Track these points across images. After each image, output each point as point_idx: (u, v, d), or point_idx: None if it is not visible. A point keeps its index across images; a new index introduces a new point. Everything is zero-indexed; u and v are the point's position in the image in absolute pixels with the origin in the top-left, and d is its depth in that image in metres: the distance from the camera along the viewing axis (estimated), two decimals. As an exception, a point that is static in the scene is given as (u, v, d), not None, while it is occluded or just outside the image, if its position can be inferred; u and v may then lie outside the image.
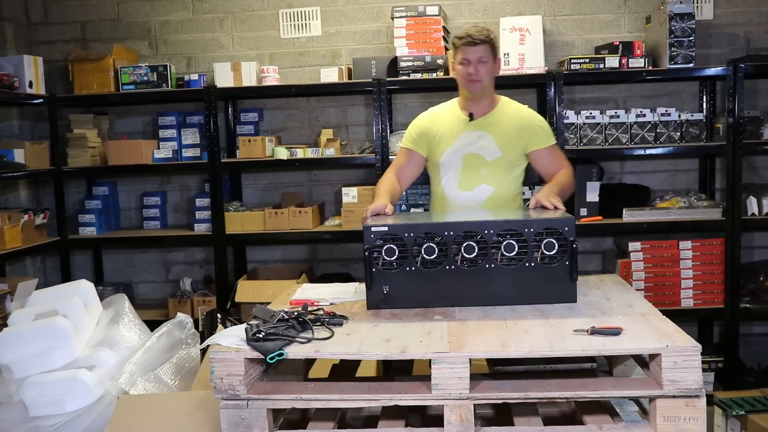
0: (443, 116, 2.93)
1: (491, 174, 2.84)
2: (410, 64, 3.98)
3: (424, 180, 3.62)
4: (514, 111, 2.91)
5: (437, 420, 1.91)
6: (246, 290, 4.00)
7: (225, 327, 2.98)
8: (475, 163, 2.84)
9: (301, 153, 4.06)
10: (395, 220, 2.38)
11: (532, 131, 2.86)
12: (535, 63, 3.97)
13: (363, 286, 2.36)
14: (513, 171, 2.89)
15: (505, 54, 3.98)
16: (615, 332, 1.92)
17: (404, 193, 3.92)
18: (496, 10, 4.28)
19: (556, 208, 2.49)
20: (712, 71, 3.85)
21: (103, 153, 4.31)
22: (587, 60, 3.88)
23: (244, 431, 1.91)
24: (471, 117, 2.86)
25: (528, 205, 2.62)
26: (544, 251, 2.22)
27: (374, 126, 3.97)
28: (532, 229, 2.22)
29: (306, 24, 4.41)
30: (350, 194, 4.05)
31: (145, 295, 4.67)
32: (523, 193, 3.18)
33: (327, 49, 4.42)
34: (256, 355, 1.91)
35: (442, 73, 3.96)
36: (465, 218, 2.35)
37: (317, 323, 2.11)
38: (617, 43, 3.93)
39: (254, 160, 4.10)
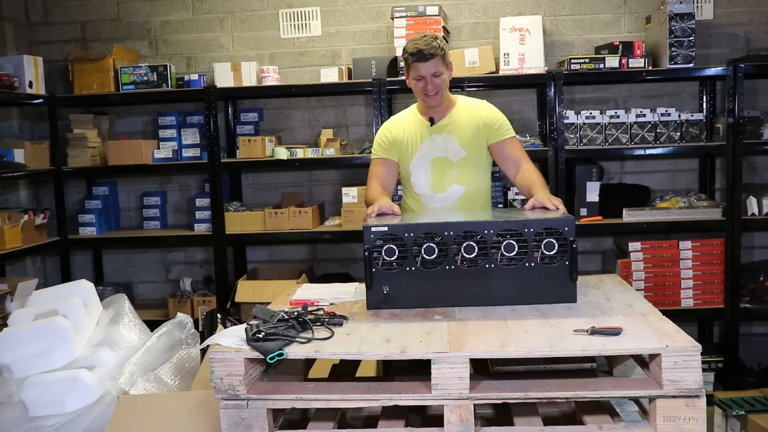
0: (406, 124, 2.93)
1: (460, 174, 2.88)
2: (410, 64, 3.97)
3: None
4: (471, 109, 2.91)
5: (437, 420, 1.91)
6: (246, 290, 4.00)
7: (225, 327, 2.98)
8: (443, 165, 2.88)
9: (301, 153, 4.06)
10: (395, 221, 2.38)
11: (489, 125, 2.86)
12: (535, 63, 3.97)
13: (363, 286, 2.36)
14: (480, 167, 2.91)
15: (505, 54, 3.98)
16: (615, 332, 1.92)
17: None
18: (496, 10, 4.28)
19: (557, 208, 2.48)
20: (712, 71, 3.85)
21: (103, 153, 4.31)
22: (587, 60, 3.88)
23: (244, 431, 1.91)
24: (432, 121, 2.88)
25: (525, 205, 2.62)
26: (544, 251, 2.22)
27: (374, 126, 3.96)
28: (532, 229, 2.22)
29: (306, 24, 4.41)
30: (350, 194, 4.05)
31: (145, 295, 4.67)
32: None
33: (327, 49, 4.42)
34: (256, 355, 1.90)
35: (442, 73, 3.95)
36: (465, 218, 2.35)
37: (317, 323, 2.11)
38: (617, 43, 3.93)
39: (254, 160, 4.10)
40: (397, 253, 2.24)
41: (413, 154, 2.90)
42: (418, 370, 2.22)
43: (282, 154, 4.02)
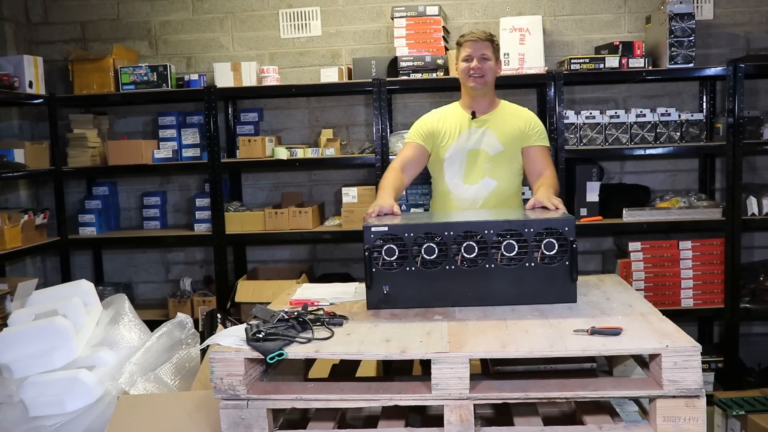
0: (448, 116, 3.04)
1: (494, 168, 2.95)
2: (410, 64, 3.98)
3: (423, 180, 3.63)
4: (514, 110, 3.06)
5: (437, 420, 1.91)
6: (246, 290, 3.99)
7: (225, 327, 2.98)
8: (479, 157, 2.96)
9: (301, 153, 4.06)
10: (395, 221, 2.38)
11: (530, 129, 2.99)
12: (535, 63, 3.97)
13: (363, 286, 2.36)
14: (513, 165, 2.99)
15: (505, 54, 3.98)
16: (615, 332, 1.92)
17: (404, 193, 3.93)
18: (496, 10, 4.28)
19: (556, 208, 2.48)
20: (712, 71, 3.85)
21: (103, 153, 4.31)
22: (587, 60, 3.88)
23: (244, 431, 1.91)
24: (473, 115, 2.98)
25: (527, 205, 2.62)
26: (544, 251, 2.22)
27: (374, 126, 3.97)
28: (532, 229, 2.22)
29: (306, 24, 4.41)
30: (350, 194, 4.05)
31: (145, 295, 4.66)
32: (523, 193, 3.22)
33: (327, 49, 4.42)
34: (256, 355, 1.91)
35: (442, 73, 3.96)
36: (465, 218, 2.35)
37: (317, 323, 2.11)
38: (617, 43, 3.93)
39: (254, 160, 4.10)
40: (397, 253, 2.24)
41: (450, 144, 2.98)
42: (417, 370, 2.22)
43: (282, 154, 4.02)
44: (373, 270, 2.25)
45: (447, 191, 3.01)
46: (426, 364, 2.00)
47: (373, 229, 2.25)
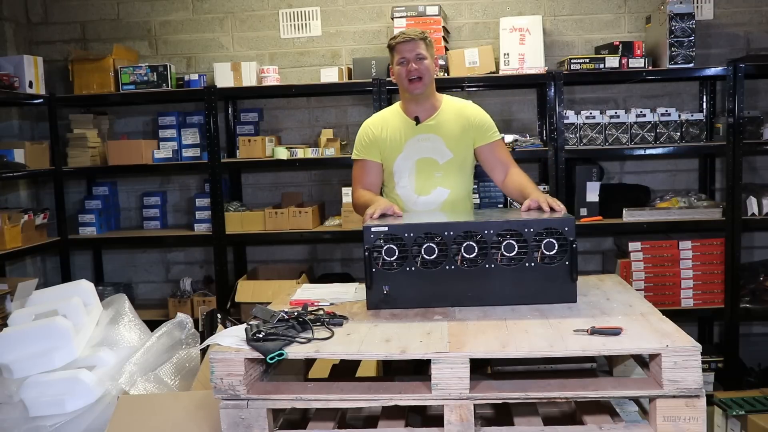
0: (389, 122, 2.85)
1: (445, 176, 2.80)
2: (410, 64, 3.97)
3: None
4: (458, 109, 2.84)
5: (437, 420, 1.91)
6: (246, 290, 3.99)
7: (225, 327, 2.98)
8: (429, 166, 2.80)
9: (301, 153, 4.06)
10: (396, 220, 2.38)
11: (477, 127, 2.80)
12: (535, 63, 3.97)
13: (363, 286, 2.36)
14: (465, 170, 2.85)
15: (505, 54, 3.98)
16: (615, 332, 1.92)
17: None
18: (496, 10, 4.28)
19: (552, 209, 2.44)
20: (712, 71, 3.85)
21: (103, 153, 4.31)
22: (587, 60, 3.88)
23: (244, 431, 1.91)
24: (417, 120, 2.80)
25: (522, 206, 2.58)
26: (544, 251, 2.22)
27: (374, 126, 3.96)
28: (532, 229, 2.22)
29: (306, 24, 4.41)
30: (350, 194, 4.04)
31: (145, 295, 4.67)
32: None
33: (327, 49, 4.42)
34: (256, 355, 1.90)
35: (442, 74, 3.96)
36: (465, 218, 2.35)
37: (317, 323, 2.11)
38: (617, 43, 3.93)
39: (254, 160, 4.10)
40: (397, 253, 2.24)
41: (397, 155, 2.81)
42: (418, 370, 2.22)
43: (282, 154, 4.02)
44: (373, 270, 2.25)
45: (401, 202, 2.82)
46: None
47: (373, 229, 2.25)
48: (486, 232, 2.23)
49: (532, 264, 2.23)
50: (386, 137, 2.82)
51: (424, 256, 2.23)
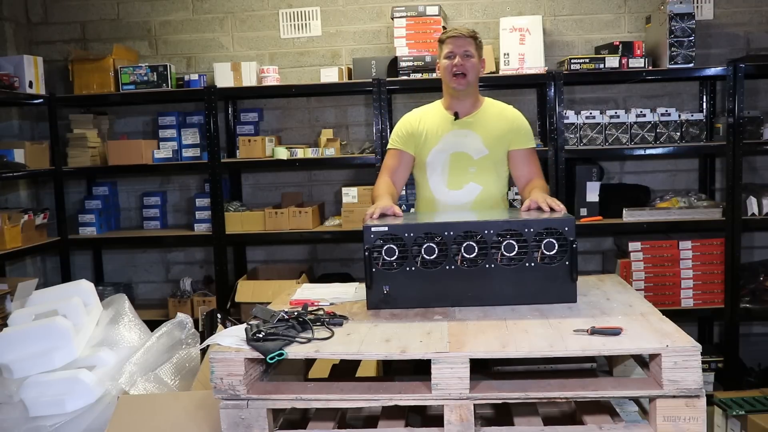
0: (429, 116, 2.89)
1: (478, 172, 2.81)
2: (410, 64, 3.98)
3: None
4: (498, 110, 2.89)
5: (437, 420, 1.91)
6: (246, 290, 4.00)
7: (225, 327, 2.98)
8: (462, 161, 2.81)
9: (301, 153, 4.06)
10: (396, 221, 2.38)
11: (515, 131, 2.84)
12: (535, 63, 3.97)
13: (363, 286, 2.36)
14: (499, 169, 2.85)
15: (505, 54, 3.98)
16: (615, 332, 1.92)
17: (404, 193, 3.92)
18: (496, 10, 4.28)
19: (552, 209, 2.44)
20: (712, 71, 3.85)
21: (103, 153, 4.31)
22: (587, 60, 3.88)
23: (244, 431, 1.91)
24: (456, 116, 2.83)
25: (522, 207, 2.58)
26: (544, 251, 2.22)
27: (374, 126, 3.97)
28: (532, 229, 2.22)
29: (306, 24, 4.41)
30: (350, 194, 4.06)
31: (145, 295, 4.67)
32: (509, 196, 3.11)
33: (327, 49, 4.42)
34: (256, 355, 1.91)
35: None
36: (465, 218, 2.35)
37: (317, 323, 2.11)
38: (617, 43, 3.93)
39: (254, 160, 4.10)
40: (397, 253, 2.24)
41: (432, 146, 2.83)
42: (418, 370, 2.21)
43: (282, 154, 4.02)
44: (373, 270, 2.25)
45: (432, 197, 2.86)
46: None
47: (373, 229, 2.25)
48: (486, 232, 2.23)
49: (532, 264, 2.23)
50: (423, 130, 2.86)
51: (424, 256, 2.23)
